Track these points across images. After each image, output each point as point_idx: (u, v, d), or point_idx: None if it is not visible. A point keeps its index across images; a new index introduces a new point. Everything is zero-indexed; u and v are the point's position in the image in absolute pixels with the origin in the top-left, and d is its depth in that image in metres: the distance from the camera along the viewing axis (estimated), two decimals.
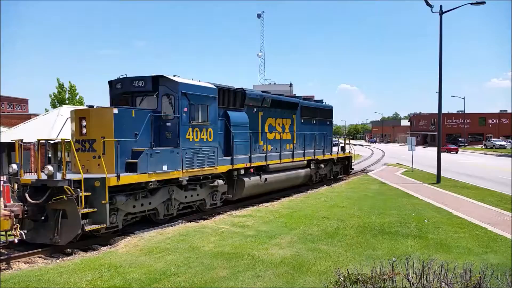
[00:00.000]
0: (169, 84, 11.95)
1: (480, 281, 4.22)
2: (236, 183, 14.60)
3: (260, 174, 15.58)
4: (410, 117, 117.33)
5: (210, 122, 13.03)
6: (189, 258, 8.46)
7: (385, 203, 15.12)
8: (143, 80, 12.05)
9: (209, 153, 12.99)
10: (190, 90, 12.26)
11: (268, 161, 16.04)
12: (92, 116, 10.63)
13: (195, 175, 12.56)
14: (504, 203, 14.85)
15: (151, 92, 12.03)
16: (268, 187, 16.28)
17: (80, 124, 10.66)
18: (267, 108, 16.45)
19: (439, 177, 21.87)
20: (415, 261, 4.90)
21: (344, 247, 9.19)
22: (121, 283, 7.15)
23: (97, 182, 9.65)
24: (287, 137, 17.85)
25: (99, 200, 9.63)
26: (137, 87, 12.14)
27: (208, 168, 12.99)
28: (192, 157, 12.28)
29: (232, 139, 14.05)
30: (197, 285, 6.97)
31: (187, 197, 12.62)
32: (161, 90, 11.94)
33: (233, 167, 14.13)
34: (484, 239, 9.80)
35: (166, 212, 11.99)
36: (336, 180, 23.08)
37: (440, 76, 22.11)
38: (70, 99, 34.87)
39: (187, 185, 12.45)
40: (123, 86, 12.43)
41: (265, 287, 6.83)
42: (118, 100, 12.72)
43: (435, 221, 11.89)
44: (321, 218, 12.49)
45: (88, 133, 10.51)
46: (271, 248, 9.20)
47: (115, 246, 9.81)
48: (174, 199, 12.05)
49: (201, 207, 13.50)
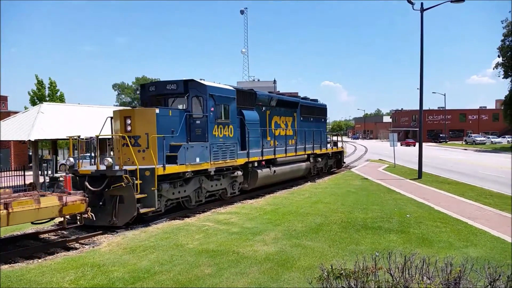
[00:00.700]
0: (198, 87, 13.54)
1: (460, 274, 4.30)
2: (251, 174, 16.17)
3: (270, 167, 17.29)
4: (392, 113, 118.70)
5: (231, 120, 14.71)
6: (173, 256, 8.43)
7: (368, 198, 15.29)
8: (175, 83, 13.59)
9: (231, 147, 14.67)
10: (215, 92, 13.88)
11: (276, 155, 17.78)
12: (137, 115, 12.10)
13: (220, 167, 14.22)
14: (483, 198, 15.16)
15: (182, 94, 13.59)
16: (276, 178, 18.02)
17: (125, 122, 12.07)
18: (273, 107, 18.07)
19: (420, 172, 22.20)
20: (397, 256, 4.97)
21: (328, 243, 9.27)
22: (104, 282, 7.09)
23: (147, 171, 11.23)
24: (289, 133, 19.46)
25: (149, 187, 11.14)
26: (170, 89, 13.70)
27: (230, 161, 14.67)
28: (217, 151, 13.92)
29: (248, 135, 15.62)
30: (182, 283, 6.95)
31: (213, 186, 14.29)
32: (191, 92, 13.51)
33: (249, 160, 15.74)
34: (465, 233, 9.99)
35: (197, 199, 13.63)
36: (330, 173, 24.72)
37: (421, 73, 22.40)
38: (50, 96, 34.22)
39: (213, 175, 14.05)
40: (156, 88, 14.03)
41: (249, 283, 6.85)
42: (151, 101, 14.18)
43: (417, 216, 12.07)
44: (305, 214, 12.57)
45: (133, 130, 11.95)
46: (256, 244, 9.23)
47: (98, 245, 9.72)
48: (203, 188, 13.72)
49: (223, 195, 15.11)
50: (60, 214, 9.35)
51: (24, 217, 8.72)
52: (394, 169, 26.80)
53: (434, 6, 22.43)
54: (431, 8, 22.29)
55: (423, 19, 21.75)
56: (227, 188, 15.03)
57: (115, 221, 10.63)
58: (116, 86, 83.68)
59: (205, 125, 13.48)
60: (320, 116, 23.87)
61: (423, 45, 22.02)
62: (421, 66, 22.28)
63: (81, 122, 21.12)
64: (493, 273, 4.25)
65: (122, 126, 12.10)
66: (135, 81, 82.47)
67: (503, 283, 4.11)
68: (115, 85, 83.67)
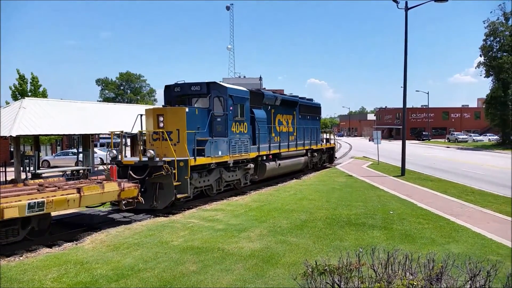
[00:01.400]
0: (219, 88, 15.10)
1: (442, 270, 4.36)
2: (260, 167, 17.81)
3: (276, 160, 19.04)
4: (376, 111, 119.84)
5: (245, 118, 16.31)
6: (157, 253, 8.38)
7: (352, 195, 15.43)
8: (199, 85, 15.14)
9: (245, 142, 16.29)
10: (233, 93, 15.46)
11: (280, 150, 19.58)
12: (168, 113, 13.43)
13: (236, 159, 15.82)
14: (465, 195, 15.43)
15: (205, 95, 15.07)
16: (280, 170, 19.68)
17: (157, 119, 13.42)
18: (277, 106, 19.59)
19: (403, 169, 22.48)
20: (380, 252, 5.03)
21: (313, 239, 9.33)
22: (88, 279, 7.01)
23: (181, 162, 12.61)
24: (290, 130, 21.12)
25: (183, 176, 12.58)
26: (194, 90, 15.22)
27: (245, 154, 16.28)
28: (235, 145, 15.53)
29: (258, 131, 17.26)
30: (166, 280, 6.91)
31: (230, 176, 15.85)
32: (212, 93, 14.96)
33: (259, 153, 17.47)
34: (447, 230, 10.15)
35: (217, 187, 15.25)
36: (323, 168, 26.34)
37: (405, 71, 22.66)
38: (32, 91, 33.61)
39: (231, 167, 15.69)
40: (181, 89, 15.47)
41: (234, 280, 6.85)
42: (175, 101, 15.56)
43: (400, 212, 12.23)
44: (291, 210, 12.63)
45: (165, 126, 13.24)
46: (241, 241, 9.23)
47: (81, 242, 9.61)
48: (222, 178, 15.33)
49: (237, 185, 16.71)
50: (118, 198, 10.91)
51: (92, 200, 10.28)
52: (378, 166, 27.09)
53: (418, 5, 22.68)
54: (415, 7, 22.54)
55: (408, 18, 22.00)
56: (241, 179, 16.71)
57: (156, 205, 12.20)
58: (100, 81, 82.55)
59: (225, 122, 15.09)
60: (315, 114, 25.63)
61: (407, 43, 22.27)
62: (405, 64, 22.53)
63: (64, 117, 20.82)
64: (473, 268, 4.33)
65: (155, 123, 13.47)
66: (119, 77, 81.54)
67: (483, 278, 4.19)
68: (98, 80, 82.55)
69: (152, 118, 13.62)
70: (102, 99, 78.71)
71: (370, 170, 24.84)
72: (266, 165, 17.97)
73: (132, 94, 79.84)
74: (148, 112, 14.12)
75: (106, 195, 10.52)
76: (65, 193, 9.67)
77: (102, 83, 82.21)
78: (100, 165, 30.35)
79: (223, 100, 14.99)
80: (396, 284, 4.06)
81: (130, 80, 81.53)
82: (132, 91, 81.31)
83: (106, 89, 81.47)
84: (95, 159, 27.74)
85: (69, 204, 9.61)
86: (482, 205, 13.42)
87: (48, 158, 32.91)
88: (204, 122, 14.17)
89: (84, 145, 23.65)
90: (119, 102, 72.58)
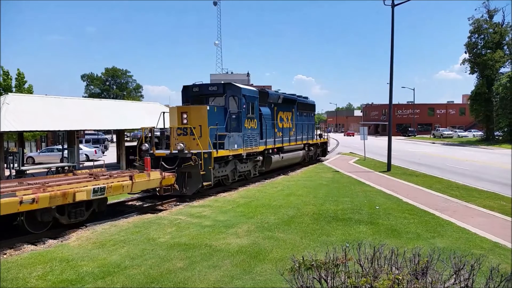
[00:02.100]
0: (234, 88, 16.88)
1: (427, 264, 4.41)
2: (267, 159, 19.64)
3: (279, 153, 20.98)
4: (362, 107, 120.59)
5: (255, 115, 18.14)
6: (144, 250, 8.33)
7: (338, 191, 15.52)
8: (216, 85, 17.12)
9: (255, 137, 18.12)
10: (246, 93, 17.30)
11: (283, 144, 21.49)
12: (191, 111, 15.14)
13: (249, 152, 17.60)
14: (450, 190, 15.63)
15: (221, 94, 16.82)
16: (283, 162, 21.61)
17: (181, 116, 15.09)
18: (279, 104, 21.20)
19: (389, 165, 22.68)
20: (367, 247, 5.07)
21: (300, 234, 9.37)
22: (73, 276, 6.94)
23: (206, 154, 14.32)
24: (290, 126, 22.81)
25: (207, 166, 14.27)
26: (211, 90, 17.06)
27: (255, 147, 18.15)
28: (247, 140, 17.30)
29: (265, 127, 19.15)
30: (153, 277, 6.88)
31: (242, 167, 17.63)
32: (228, 92, 16.72)
33: (266, 147, 19.34)
34: (432, 224, 10.28)
35: (233, 177, 16.97)
36: (317, 161, 27.98)
37: (391, 68, 22.82)
38: (17, 87, 33.02)
39: (244, 159, 17.47)
40: (200, 89, 17.24)
41: (222, 276, 6.84)
42: (193, 100, 17.21)
43: (386, 207, 12.34)
44: (278, 206, 12.66)
45: (189, 122, 14.97)
46: (229, 237, 9.23)
47: (67, 239, 9.52)
48: (237, 168, 17.12)
49: (247, 176, 18.34)
50: (160, 185, 12.78)
51: (141, 186, 12.13)
52: (364, 162, 27.29)
53: (405, 1, 22.80)
54: (401, 4, 22.68)
55: (394, 15, 22.14)
56: (251, 170, 18.46)
57: (185, 191, 13.96)
58: (85, 76, 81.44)
59: (239, 119, 16.92)
60: (310, 111, 27.42)
61: (393, 40, 22.41)
62: (391, 61, 22.69)
63: (49, 113, 20.52)
64: (458, 262, 4.38)
65: (179, 119, 15.14)
66: (104, 72, 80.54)
67: (467, 272, 4.24)
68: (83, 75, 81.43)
69: (176, 115, 15.24)
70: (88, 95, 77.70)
71: (356, 166, 25.02)
72: (272, 158, 19.93)
73: (118, 90, 79.03)
74: (172, 110, 15.88)
75: (152, 182, 12.40)
76: (121, 180, 11.46)
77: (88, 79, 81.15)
78: (85, 162, 30.02)
79: (238, 99, 16.83)
80: (382, 279, 4.08)
81: (116, 75, 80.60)
82: (118, 86, 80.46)
83: (91, 84, 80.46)
84: (81, 155, 27.41)
85: (123, 189, 11.36)
86: (466, 200, 13.61)
87: (32, 155, 32.41)
88: (221, 118, 15.87)
89: (69, 141, 23.32)
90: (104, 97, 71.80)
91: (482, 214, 11.52)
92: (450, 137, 66.68)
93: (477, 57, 52.15)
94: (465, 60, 54.53)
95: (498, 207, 12.45)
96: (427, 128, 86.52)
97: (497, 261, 7.25)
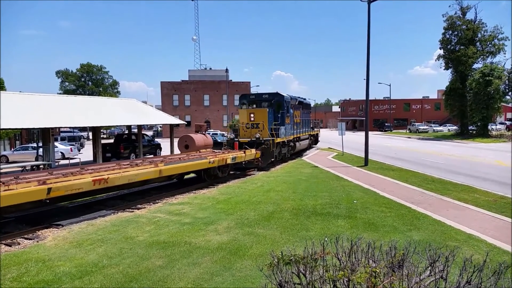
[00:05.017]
0: (279, 96, 24.42)
1: (403, 257, 4.49)
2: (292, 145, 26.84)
3: (298, 141, 28.28)
4: (340, 103, 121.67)
5: (290, 114, 25.44)
6: (122, 249, 8.23)
7: (317, 186, 15.66)
8: (267, 94, 24.70)
9: (290, 130, 25.54)
10: (286, 99, 24.81)
11: (300, 135, 28.96)
12: (257, 112, 23.30)
13: (288, 140, 25.30)
14: (426, 184, 15.95)
15: (270, 100, 24.23)
16: (300, 147, 29.03)
17: (249, 116, 23.24)
18: (294, 105, 27.63)
19: (367, 160, 22.99)
20: (344, 240, 5.13)
21: (280, 230, 9.42)
22: (50, 277, 6.81)
23: (271, 140, 21.73)
24: (300, 121, 29.12)
25: (272, 148, 21.77)
26: (263, 97, 24.66)
27: (290, 136, 25.84)
28: (287, 131, 24.80)
29: (293, 123, 26.45)
30: (131, 275, 6.81)
31: (283, 150, 24.60)
32: (275, 99, 24.24)
33: (294, 136, 27.03)
34: (408, 218, 10.48)
35: (279, 157, 23.90)
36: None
37: (367, 64, 23.07)
38: None
39: (286, 143, 25.18)
40: (256, 96, 25.37)
41: (202, 273, 6.83)
42: (250, 103, 24.86)
43: (363, 201, 12.52)
44: (258, 202, 12.69)
45: (255, 120, 23.11)
46: (208, 234, 9.21)
47: (43, 239, 9.32)
48: (282, 150, 24.27)
49: (284, 156, 25.13)
50: (255, 157, 20.39)
51: (248, 158, 19.60)
52: (342, 157, 27.59)
53: None
54: (377, 1, 22.92)
55: (370, 11, 22.37)
56: (286, 153, 25.43)
57: (260, 164, 21.09)
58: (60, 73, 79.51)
59: (283, 117, 24.10)
60: (309, 109, 34.72)
61: (369, 36, 22.65)
62: (368, 57, 22.94)
63: (23, 111, 20.00)
64: (433, 254, 4.47)
65: (248, 118, 23.25)
66: (79, 68, 78.83)
67: (442, 264, 4.34)
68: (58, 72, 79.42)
69: (246, 115, 23.39)
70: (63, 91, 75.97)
71: (335, 161, 25.27)
72: (296, 144, 27.49)
73: (94, 86, 77.45)
74: (242, 112, 24.08)
75: (252, 155, 20.06)
76: (240, 152, 19.42)
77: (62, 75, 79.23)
78: (61, 160, 29.42)
79: (282, 103, 24.18)
80: (359, 272, 4.14)
81: (91, 71, 78.98)
82: (93, 83, 78.83)
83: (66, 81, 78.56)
84: (56, 153, 26.84)
85: (241, 158, 18.95)
86: (441, 193, 13.92)
87: (6, 153, 31.54)
88: (273, 116, 23.50)
89: (44, 139, 22.79)
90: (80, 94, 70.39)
91: (457, 207, 11.80)
92: (425, 132, 67.90)
93: (451, 53, 53.19)
94: (440, 56, 55.56)
95: (472, 199, 12.79)
96: (403, 123, 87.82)
97: (471, 252, 7.46)
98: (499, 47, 51.96)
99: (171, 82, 69.62)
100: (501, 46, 51.90)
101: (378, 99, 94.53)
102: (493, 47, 52.25)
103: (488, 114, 49.38)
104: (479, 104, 48.26)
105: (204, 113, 68.55)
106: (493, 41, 52.09)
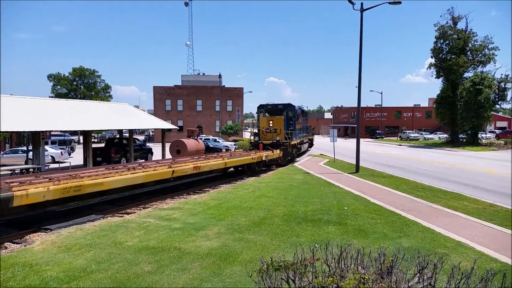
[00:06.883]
0: (292, 107, 29.25)
1: (392, 264, 4.50)
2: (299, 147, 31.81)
3: (301, 144, 32.95)
4: (332, 110, 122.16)
5: (297, 121, 30.01)
6: (111, 254, 8.15)
7: (309, 192, 15.67)
8: (282, 104, 29.17)
9: (298, 134, 30.12)
10: (296, 109, 29.89)
11: (302, 139, 33.04)
12: (275, 120, 27.42)
13: (298, 142, 30.21)
14: (416, 191, 16.04)
15: (284, 110, 28.81)
16: (302, 149, 33.74)
17: (268, 122, 27.32)
18: (300, 114, 32.26)
19: (358, 166, 23.09)
20: (334, 247, 5.14)
21: (270, 236, 9.39)
22: (37, 282, 6.71)
23: (288, 142, 26.99)
24: (301, 127, 32.94)
25: (289, 148, 26.97)
26: (279, 107, 29.02)
27: (299, 139, 30.52)
28: (297, 135, 29.65)
29: (300, 129, 31.32)
30: (120, 281, 6.74)
31: (294, 151, 28.90)
32: (288, 109, 28.99)
33: (300, 140, 31.46)
34: (398, 224, 10.52)
35: (292, 155, 28.84)
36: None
37: (359, 72, 23.23)
38: None
39: (296, 145, 29.66)
40: (272, 106, 29.29)
41: (191, 279, 6.78)
42: (266, 112, 29.18)
43: (354, 208, 12.55)
44: (249, 208, 12.66)
45: (273, 126, 27.20)
46: (198, 240, 9.16)
47: (31, 243, 9.21)
48: (295, 150, 29.44)
49: (292, 156, 29.12)
50: (279, 156, 25.37)
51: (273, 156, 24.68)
52: (334, 164, 27.69)
53: (373, 6, 23.33)
54: (370, 9, 23.16)
55: (363, 19, 22.57)
56: (294, 152, 29.08)
57: (280, 161, 25.79)
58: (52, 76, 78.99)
59: (294, 123, 28.84)
60: (306, 117, 39.87)
61: (362, 45, 22.83)
62: (360, 65, 23.10)
63: (13, 114, 19.83)
64: (422, 261, 4.50)
65: (268, 124, 27.33)
66: (72, 72, 78.37)
67: (430, 271, 4.36)
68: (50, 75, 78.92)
69: (265, 121, 27.41)
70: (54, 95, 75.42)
71: (326, 168, 25.34)
72: (301, 147, 32.54)
73: (86, 90, 77.03)
74: (263, 119, 27.98)
75: (276, 154, 24.89)
76: (268, 152, 24.14)
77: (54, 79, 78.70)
78: (51, 163, 29.16)
79: (294, 112, 29.13)
80: (348, 278, 4.15)
81: (83, 75, 78.57)
82: (85, 86, 78.39)
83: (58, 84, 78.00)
84: (46, 157, 26.60)
85: (270, 156, 24.11)
86: (431, 200, 14.00)
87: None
88: (287, 123, 27.95)
89: (34, 142, 22.58)
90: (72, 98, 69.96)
91: (447, 214, 11.87)
92: (416, 140, 68.40)
93: (443, 62, 53.77)
94: (431, 65, 56.14)
95: (461, 207, 12.88)
96: (395, 130, 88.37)
97: (459, 260, 7.50)
98: (489, 57, 52.63)
99: (163, 86, 69.53)
100: (491, 56, 52.59)
101: (369, 107, 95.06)
102: (484, 57, 52.91)
103: (478, 122, 49.93)
104: (469, 113, 48.76)
105: (196, 118, 68.47)
106: (483, 50, 52.76)
